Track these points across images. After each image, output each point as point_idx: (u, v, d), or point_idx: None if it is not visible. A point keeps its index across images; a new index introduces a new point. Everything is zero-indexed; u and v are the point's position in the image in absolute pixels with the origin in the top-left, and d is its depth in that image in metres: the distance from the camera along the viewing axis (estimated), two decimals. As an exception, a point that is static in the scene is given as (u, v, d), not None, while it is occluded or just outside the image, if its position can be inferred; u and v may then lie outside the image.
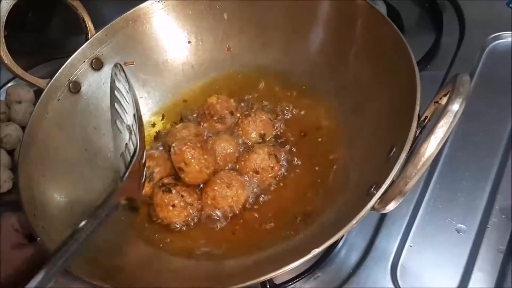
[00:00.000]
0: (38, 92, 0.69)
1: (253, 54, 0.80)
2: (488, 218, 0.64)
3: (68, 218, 0.62)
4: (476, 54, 0.82)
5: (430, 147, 0.42)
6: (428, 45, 0.86)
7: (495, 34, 0.83)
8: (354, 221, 0.46)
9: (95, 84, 0.74)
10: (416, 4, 0.94)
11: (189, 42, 0.80)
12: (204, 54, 0.80)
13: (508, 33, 0.82)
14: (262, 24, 0.77)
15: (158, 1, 0.77)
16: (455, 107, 0.41)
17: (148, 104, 0.79)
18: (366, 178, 0.56)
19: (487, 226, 0.63)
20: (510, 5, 0.85)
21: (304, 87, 0.75)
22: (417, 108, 0.52)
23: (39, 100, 0.67)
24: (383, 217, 0.67)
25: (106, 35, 0.75)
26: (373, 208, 0.47)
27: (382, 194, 0.47)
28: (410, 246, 0.64)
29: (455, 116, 0.41)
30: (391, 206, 0.46)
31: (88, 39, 0.74)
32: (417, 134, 0.51)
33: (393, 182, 0.47)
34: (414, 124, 0.50)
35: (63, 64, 0.71)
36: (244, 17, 0.78)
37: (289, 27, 0.75)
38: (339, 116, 0.69)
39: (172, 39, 0.79)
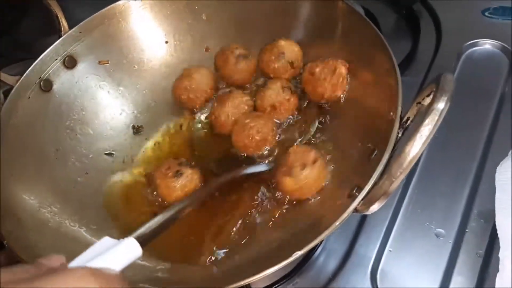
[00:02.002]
0: (8, 92, 0.66)
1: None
2: (467, 222, 0.64)
3: (37, 222, 0.59)
4: (452, 60, 0.83)
5: (416, 146, 0.41)
6: (405, 52, 0.87)
7: (471, 41, 0.84)
8: (337, 223, 0.45)
9: (68, 83, 0.71)
10: (394, 11, 0.95)
11: (167, 42, 0.78)
12: (182, 54, 0.79)
13: (484, 40, 0.83)
14: (242, 26, 0.76)
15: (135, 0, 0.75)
16: (440, 105, 0.41)
17: (123, 104, 0.76)
18: (347, 179, 0.55)
19: (466, 230, 0.63)
20: (485, 13, 0.87)
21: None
22: (399, 109, 0.51)
23: (8, 98, 0.64)
24: (362, 222, 0.66)
25: (80, 32, 0.72)
26: (355, 210, 0.47)
27: (365, 195, 0.46)
28: (390, 251, 0.63)
29: (440, 114, 0.41)
30: (375, 207, 0.45)
31: (61, 36, 0.71)
32: (399, 135, 0.50)
33: (376, 183, 0.46)
34: (397, 125, 0.50)
35: None
36: (223, 18, 0.77)
37: (269, 28, 0.74)
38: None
39: (149, 38, 0.77)
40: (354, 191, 0.50)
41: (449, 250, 0.62)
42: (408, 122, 0.50)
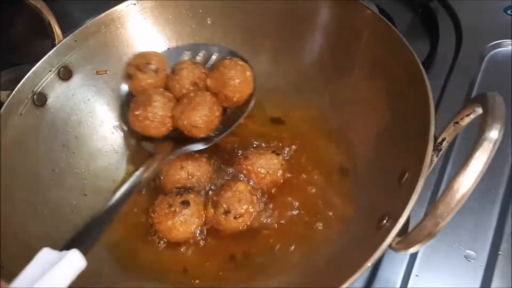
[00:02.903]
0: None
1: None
2: (499, 243, 0.59)
3: (27, 251, 0.54)
4: (475, 63, 0.77)
5: (465, 183, 0.36)
6: (422, 53, 0.81)
7: (494, 42, 0.79)
8: (368, 263, 0.40)
9: (63, 96, 0.66)
10: (409, 9, 0.89)
11: (169, 48, 0.72)
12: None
13: (508, 41, 0.78)
14: (250, 31, 0.71)
15: (134, 4, 0.69)
16: (494, 134, 0.36)
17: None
18: (373, 205, 0.50)
19: (499, 252, 0.58)
20: (508, 12, 0.81)
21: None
22: (432, 128, 0.46)
23: (-2, 116, 0.59)
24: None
25: (75, 41, 0.66)
26: (390, 246, 0.41)
27: (401, 231, 0.41)
28: (416, 275, 0.58)
29: (494, 145, 0.36)
30: (415, 249, 0.40)
31: (55, 45, 0.66)
32: (433, 158, 0.45)
33: (418, 223, 0.40)
34: (430, 147, 0.45)
35: (27, 71, 0.63)
36: (229, 23, 0.71)
37: (280, 33, 0.69)
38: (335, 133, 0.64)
39: (149, 45, 0.71)
40: (385, 221, 0.45)
41: (481, 274, 0.57)
42: (444, 143, 0.45)
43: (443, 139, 0.45)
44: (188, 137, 0.62)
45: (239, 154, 0.64)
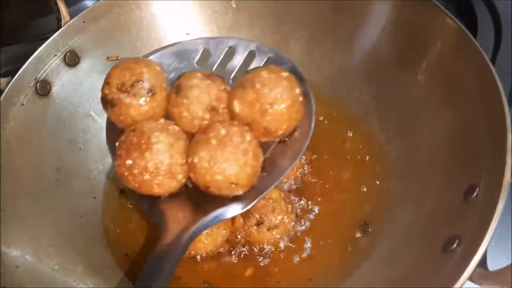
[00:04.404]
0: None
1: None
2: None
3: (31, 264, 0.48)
4: (516, 62, 0.72)
5: None
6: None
7: (536, 38, 0.73)
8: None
9: (70, 84, 0.59)
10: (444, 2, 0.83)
11: (188, 34, 0.65)
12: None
13: (552, 38, 0.73)
14: (280, 17, 0.63)
15: (151, -18, 0.62)
16: None
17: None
18: (435, 225, 0.44)
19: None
20: (551, 6, 0.76)
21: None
22: (510, 136, 0.41)
23: (-4, 106, 0.52)
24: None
25: (83, 22, 0.59)
26: (471, 279, 0.36)
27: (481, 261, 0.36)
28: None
29: None
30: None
31: (60, 26, 0.58)
32: (512, 172, 0.40)
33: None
34: (509, 160, 0.39)
35: (28, 51, 0.56)
36: (257, 5, 0.64)
37: (317, 23, 0.62)
38: (378, 137, 0.58)
39: (167, 29, 0.64)
40: (455, 245, 0.39)
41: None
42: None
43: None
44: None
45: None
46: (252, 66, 0.53)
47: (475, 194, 0.42)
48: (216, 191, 0.43)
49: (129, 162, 0.42)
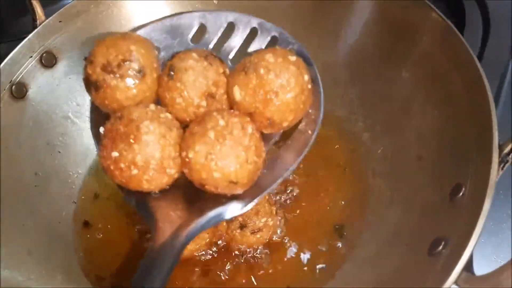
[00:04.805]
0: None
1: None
2: None
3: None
4: (504, 57, 0.71)
5: None
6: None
7: (525, 35, 0.72)
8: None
9: (47, 86, 0.58)
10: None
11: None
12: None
13: (541, 33, 0.72)
14: (262, 15, 0.61)
15: (128, -23, 0.60)
16: None
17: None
18: (421, 226, 0.44)
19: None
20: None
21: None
22: (496, 135, 0.40)
23: (-32, 111, 0.50)
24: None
25: (60, 21, 0.58)
26: (456, 283, 0.35)
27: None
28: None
29: None
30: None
31: (36, 26, 0.56)
32: (498, 171, 0.39)
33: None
34: (495, 158, 0.38)
35: (3, 53, 0.54)
36: (238, 4, 0.61)
37: (301, 21, 0.60)
38: (363, 136, 0.57)
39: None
40: (441, 247, 0.39)
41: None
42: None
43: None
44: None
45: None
46: (253, 45, 0.48)
47: (461, 193, 0.41)
48: (212, 189, 0.39)
49: (115, 154, 0.38)
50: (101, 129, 0.40)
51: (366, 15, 0.58)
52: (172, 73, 0.41)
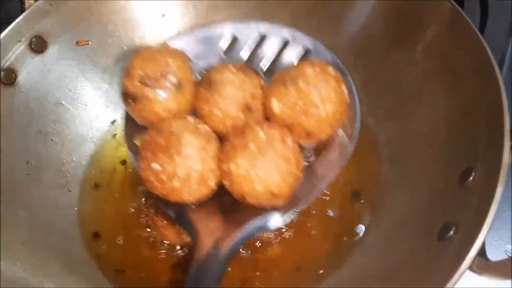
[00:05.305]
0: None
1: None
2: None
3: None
4: (503, 39, 0.70)
5: None
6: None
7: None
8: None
9: (37, 72, 0.56)
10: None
11: (163, 15, 0.61)
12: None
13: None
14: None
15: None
16: None
17: (109, 97, 0.61)
18: (430, 211, 0.43)
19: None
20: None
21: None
22: (507, 120, 0.39)
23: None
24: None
25: (50, 4, 0.55)
26: (471, 268, 0.34)
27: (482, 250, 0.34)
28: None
29: None
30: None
31: (24, 10, 0.54)
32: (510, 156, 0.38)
33: None
34: (507, 141, 0.38)
35: None
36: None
37: (306, 5, 0.58)
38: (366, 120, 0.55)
39: (140, 11, 0.61)
40: (452, 232, 0.38)
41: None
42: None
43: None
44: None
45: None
46: (285, 56, 0.49)
47: (471, 177, 0.40)
48: (252, 201, 0.39)
49: (155, 166, 0.38)
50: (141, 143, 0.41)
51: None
52: (209, 85, 0.42)
